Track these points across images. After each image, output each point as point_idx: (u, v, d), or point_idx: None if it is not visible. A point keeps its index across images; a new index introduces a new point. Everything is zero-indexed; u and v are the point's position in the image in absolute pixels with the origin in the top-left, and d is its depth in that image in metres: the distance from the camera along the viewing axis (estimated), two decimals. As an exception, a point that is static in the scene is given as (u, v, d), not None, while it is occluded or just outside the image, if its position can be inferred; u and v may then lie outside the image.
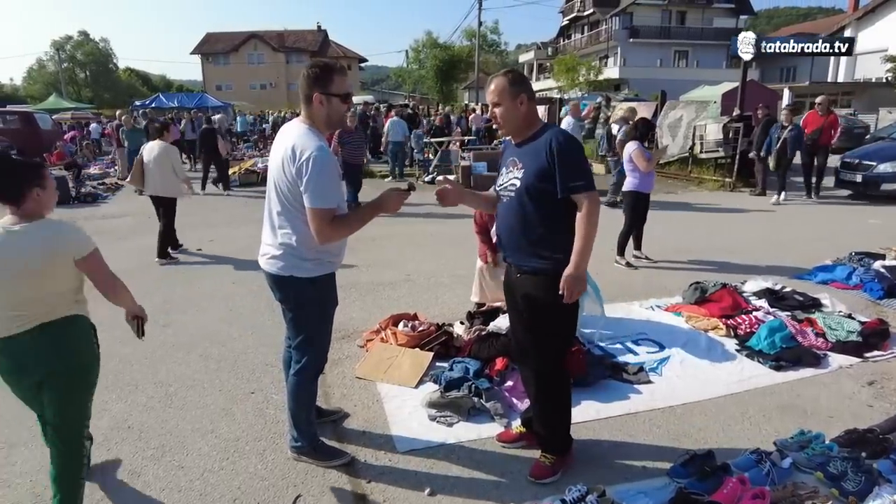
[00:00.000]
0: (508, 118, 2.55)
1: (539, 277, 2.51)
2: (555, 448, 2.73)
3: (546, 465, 2.70)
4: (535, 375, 2.69)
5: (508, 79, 2.52)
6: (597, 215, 2.45)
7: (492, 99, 2.56)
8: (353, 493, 2.61)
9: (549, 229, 2.49)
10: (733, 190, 11.38)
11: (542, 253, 2.50)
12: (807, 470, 2.68)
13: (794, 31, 40.54)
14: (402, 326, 4.16)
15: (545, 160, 2.43)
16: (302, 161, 2.34)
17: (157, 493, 2.62)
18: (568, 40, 49.62)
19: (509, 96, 2.50)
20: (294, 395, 2.73)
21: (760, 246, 7.09)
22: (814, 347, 4.01)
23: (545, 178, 2.44)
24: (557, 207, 2.46)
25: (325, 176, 2.36)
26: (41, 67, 57.81)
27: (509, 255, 2.66)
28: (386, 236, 7.58)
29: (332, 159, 2.44)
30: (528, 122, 2.57)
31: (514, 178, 2.56)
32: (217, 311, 5.03)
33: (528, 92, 2.54)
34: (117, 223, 9.24)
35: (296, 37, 57.90)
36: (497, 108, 2.56)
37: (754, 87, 15.04)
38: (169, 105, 27.97)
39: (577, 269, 2.41)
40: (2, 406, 3.42)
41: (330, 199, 2.38)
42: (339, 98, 2.46)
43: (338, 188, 2.49)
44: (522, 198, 2.51)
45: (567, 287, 2.41)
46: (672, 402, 3.38)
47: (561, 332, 2.62)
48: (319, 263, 2.54)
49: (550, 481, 2.65)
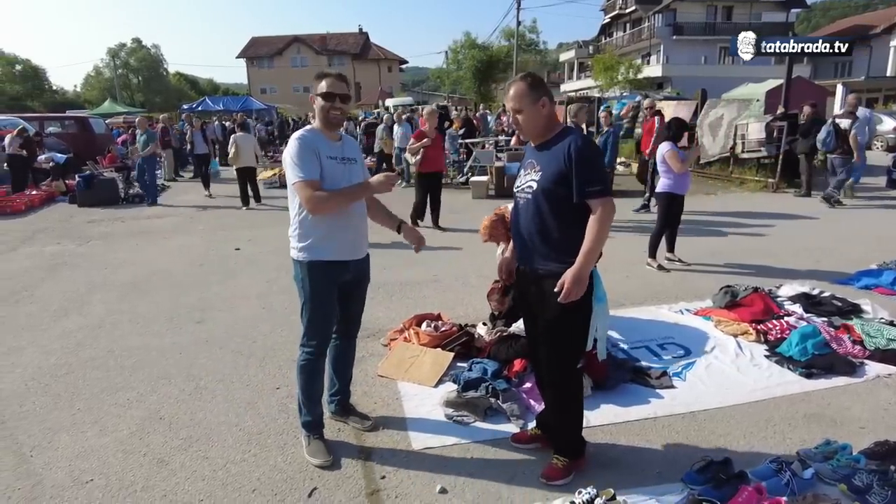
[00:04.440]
0: (530, 123, 2.55)
1: (553, 281, 2.48)
2: (568, 451, 2.73)
3: (559, 468, 2.70)
4: (550, 379, 2.70)
5: (528, 83, 2.51)
6: (609, 221, 2.43)
7: (512, 105, 2.55)
8: (367, 488, 2.67)
9: (565, 233, 2.48)
10: (776, 191, 10.99)
11: (557, 257, 2.49)
12: (830, 482, 2.59)
13: (849, 24, 38.79)
14: (425, 326, 4.21)
15: (563, 163, 2.43)
16: (286, 151, 2.75)
17: (181, 481, 2.75)
18: (609, 38, 48.78)
19: (530, 101, 2.50)
20: (297, 374, 2.95)
21: (802, 249, 6.84)
22: (849, 355, 3.86)
23: (562, 182, 2.44)
24: (573, 211, 2.45)
25: (298, 152, 2.67)
26: (98, 74, 60.60)
27: (523, 259, 2.66)
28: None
29: (305, 141, 2.72)
30: (548, 126, 2.57)
31: (530, 181, 2.56)
32: (251, 308, 5.20)
33: (548, 94, 2.54)
34: (161, 223, 9.64)
35: (338, 40, 58.98)
36: (518, 115, 2.55)
37: (802, 84, 14.46)
38: (215, 108, 28.86)
39: (579, 269, 2.39)
40: (47, 394, 3.66)
41: (307, 172, 2.66)
42: (320, 97, 2.76)
43: (314, 163, 2.70)
44: (539, 200, 2.51)
45: (566, 285, 2.39)
46: (694, 408, 3.32)
47: (575, 337, 2.60)
48: (308, 250, 2.79)
49: (562, 483, 2.65)
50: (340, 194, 2.75)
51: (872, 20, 36.11)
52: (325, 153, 2.73)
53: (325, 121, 2.78)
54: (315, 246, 2.78)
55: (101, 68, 60.20)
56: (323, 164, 2.71)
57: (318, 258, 2.78)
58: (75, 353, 4.27)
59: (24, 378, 3.87)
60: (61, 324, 4.90)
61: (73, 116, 20.32)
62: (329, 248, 2.78)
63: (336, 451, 2.94)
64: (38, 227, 9.53)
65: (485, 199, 11.01)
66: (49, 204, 11.91)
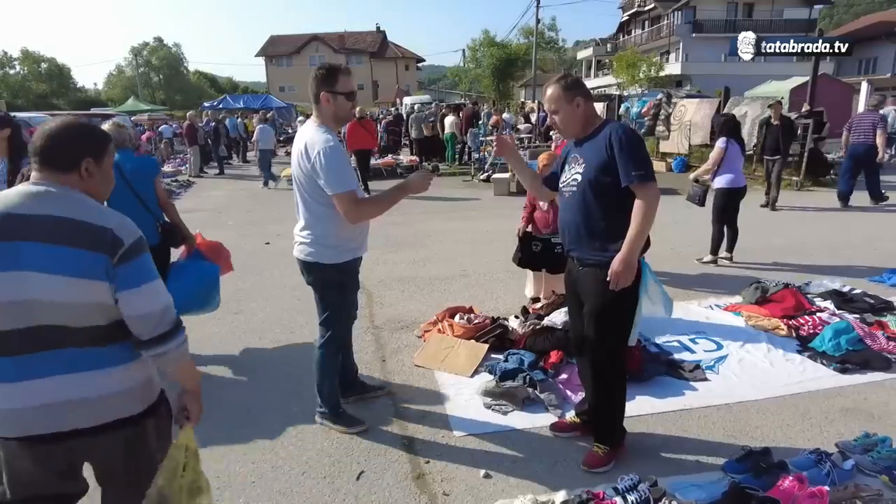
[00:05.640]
0: (568, 122, 2.65)
1: (601, 270, 2.56)
2: (608, 439, 2.79)
3: (599, 455, 2.76)
4: (593, 367, 2.76)
5: (562, 85, 2.61)
6: (655, 206, 2.49)
7: (549, 107, 2.67)
8: (413, 472, 2.76)
9: (611, 222, 2.55)
10: (801, 189, 10.89)
11: (605, 246, 2.56)
12: (871, 473, 2.63)
13: (874, 20, 38.03)
14: (459, 318, 4.29)
15: (605, 153, 2.50)
16: (314, 157, 2.63)
17: (231, 463, 2.86)
18: (628, 36, 48.42)
19: (566, 101, 2.60)
20: (318, 366, 3.05)
21: (829, 247, 6.80)
22: (884, 351, 3.87)
23: (606, 171, 2.51)
24: (619, 200, 2.52)
25: (335, 163, 2.62)
26: (120, 72, 61.53)
27: (573, 250, 2.74)
28: (442, 232, 7.75)
29: (338, 149, 2.68)
30: (586, 122, 2.65)
31: (575, 174, 2.64)
32: (286, 300, 5.30)
33: (583, 94, 2.62)
34: (188, 217, 9.72)
35: (355, 38, 59.25)
36: (556, 115, 2.66)
37: (827, 81, 14.29)
38: (235, 106, 29.20)
39: (626, 256, 2.45)
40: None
41: (346, 184, 2.65)
42: (343, 96, 2.73)
43: (350, 172, 2.72)
44: (585, 192, 2.58)
45: (614, 273, 2.46)
46: (728, 401, 3.36)
47: (620, 325, 2.66)
48: (341, 251, 2.84)
49: (603, 471, 2.71)
50: (383, 202, 2.80)
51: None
52: None
53: (343, 119, 2.84)
54: (352, 247, 2.89)
55: (123, 67, 61.14)
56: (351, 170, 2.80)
57: (353, 257, 2.92)
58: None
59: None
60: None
61: (100, 114, 20.71)
62: (357, 247, 2.93)
63: (380, 436, 3.04)
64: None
65: (506, 196, 11.06)
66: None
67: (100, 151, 1.67)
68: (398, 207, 2.97)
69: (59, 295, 1.52)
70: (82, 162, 1.62)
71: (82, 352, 1.59)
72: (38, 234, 1.51)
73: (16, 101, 43.44)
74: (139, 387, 1.70)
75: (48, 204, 1.54)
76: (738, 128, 6.32)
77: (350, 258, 2.90)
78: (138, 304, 1.59)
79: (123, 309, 1.58)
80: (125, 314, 1.59)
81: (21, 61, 53.60)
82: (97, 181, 1.66)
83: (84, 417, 1.60)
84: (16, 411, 1.56)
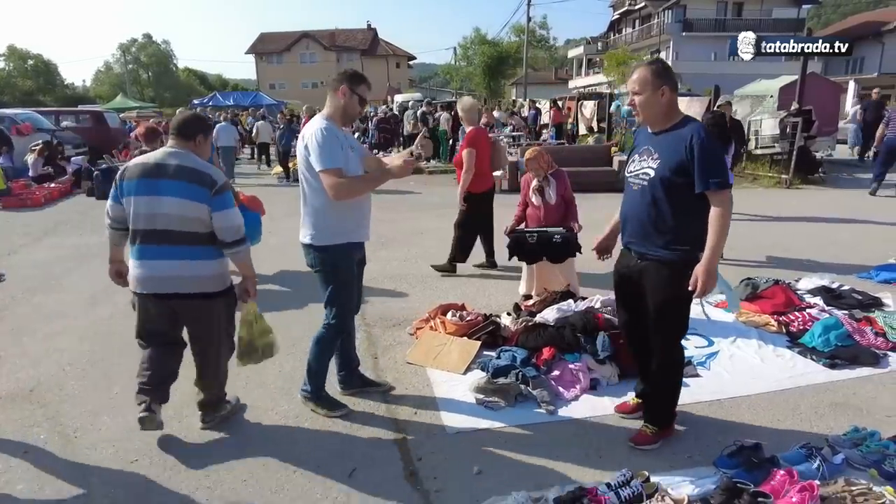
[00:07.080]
0: (647, 107, 2.62)
1: (664, 266, 2.62)
2: (660, 420, 2.91)
3: (649, 434, 2.88)
4: (661, 354, 2.82)
5: (651, 70, 2.59)
6: (730, 213, 2.55)
7: (633, 88, 2.64)
8: (405, 469, 2.75)
9: (679, 222, 2.58)
10: (790, 187, 10.99)
11: (670, 244, 2.60)
12: (860, 467, 2.65)
13: (861, 20, 38.44)
14: (451, 316, 4.28)
15: (684, 154, 2.50)
16: (307, 139, 2.86)
17: (223, 461, 2.83)
18: (618, 35, 48.59)
19: (651, 87, 2.57)
20: (314, 343, 3.13)
21: (818, 244, 6.86)
22: (873, 346, 3.91)
23: (681, 172, 2.52)
24: (689, 201, 2.54)
25: (325, 142, 2.80)
26: (108, 69, 60.97)
27: (633, 243, 2.77)
28: (435, 230, 7.73)
29: (332, 131, 2.85)
30: (667, 114, 2.63)
31: (647, 168, 2.64)
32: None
33: (670, 84, 2.59)
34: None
35: (346, 36, 59.00)
36: (637, 97, 2.62)
37: (815, 80, 14.41)
38: (225, 103, 29.02)
39: (709, 264, 2.51)
40: (85, 378, 3.76)
41: (332, 161, 2.79)
42: (359, 97, 2.96)
43: (340, 153, 2.84)
44: (655, 188, 2.60)
45: (700, 282, 2.51)
46: (720, 396, 3.38)
47: (684, 316, 2.76)
48: (331, 232, 2.94)
49: (650, 448, 2.85)
50: (364, 180, 2.95)
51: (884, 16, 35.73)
52: (345, 143, 2.93)
53: (350, 118, 3.02)
54: (344, 230, 2.97)
55: (111, 64, 60.57)
56: (344, 153, 2.88)
57: (347, 241, 2.98)
58: (108, 339, 4.35)
59: (60, 364, 3.96)
60: (93, 312, 4.99)
61: (89, 111, 20.47)
62: (354, 231, 3.01)
63: (372, 433, 3.03)
64: (59, 219, 9.65)
65: (498, 194, 11.01)
66: (67, 197, 12.02)
67: (207, 131, 2.88)
68: (388, 204, 3.01)
69: (178, 210, 2.64)
70: (197, 136, 2.80)
71: (188, 248, 2.69)
72: (170, 174, 2.66)
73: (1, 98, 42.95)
74: (217, 275, 2.81)
75: (176, 158, 2.71)
76: (725, 127, 6.32)
77: (343, 241, 2.97)
78: (224, 219, 2.69)
79: (215, 222, 2.68)
80: (216, 226, 2.69)
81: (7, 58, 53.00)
82: (203, 148, 2.83)
83: (183, 286, 2.72)
84: (146, 277, 2.73)
